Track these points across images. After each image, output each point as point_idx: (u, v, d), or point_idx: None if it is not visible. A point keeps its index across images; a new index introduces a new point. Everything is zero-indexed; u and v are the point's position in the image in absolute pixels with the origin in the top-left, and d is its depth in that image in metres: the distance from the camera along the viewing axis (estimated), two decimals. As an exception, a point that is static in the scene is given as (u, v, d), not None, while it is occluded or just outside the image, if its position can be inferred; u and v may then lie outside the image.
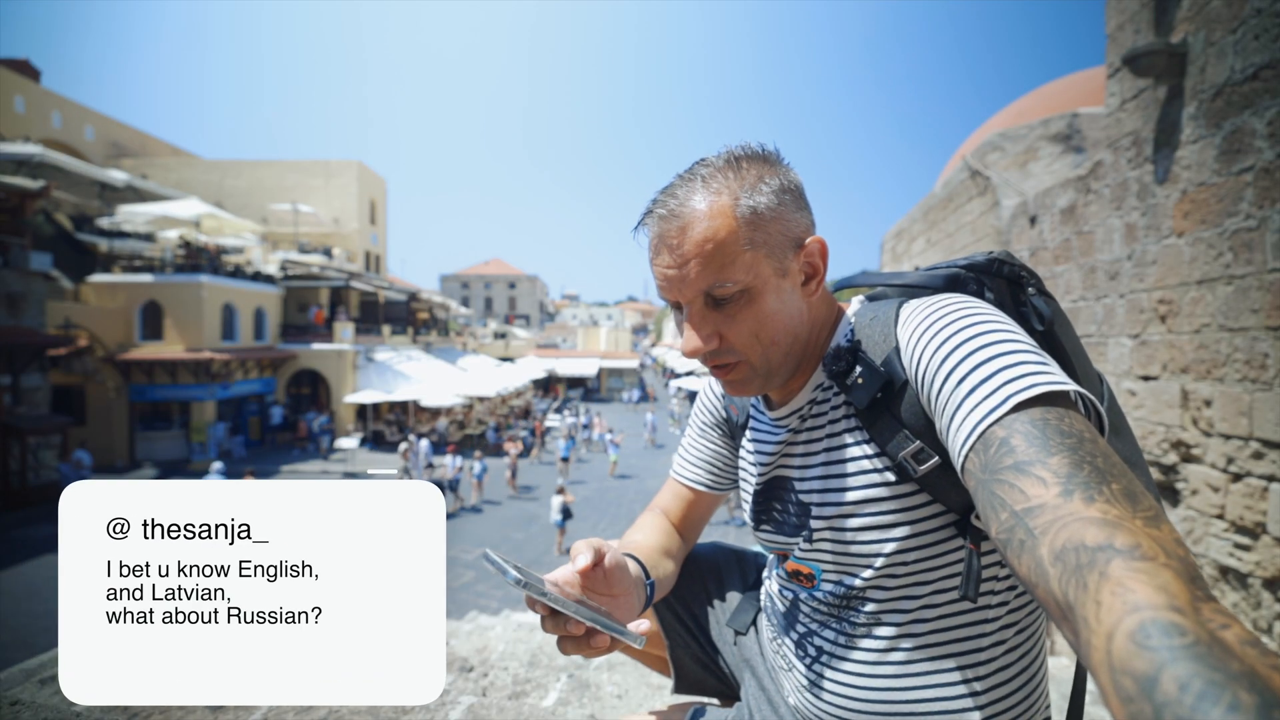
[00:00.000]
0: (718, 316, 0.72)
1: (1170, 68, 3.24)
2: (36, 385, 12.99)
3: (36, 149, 14.78)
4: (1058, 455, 0.48)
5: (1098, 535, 0.40)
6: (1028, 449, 0.49)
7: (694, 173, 0.72)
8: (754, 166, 0.72)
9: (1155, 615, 0.33)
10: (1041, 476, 0.47)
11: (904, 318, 0.70)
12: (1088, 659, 0.36)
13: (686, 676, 1.06)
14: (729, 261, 0.69)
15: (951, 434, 0.58)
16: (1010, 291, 0.75)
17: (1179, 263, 3.27)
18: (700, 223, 0.69)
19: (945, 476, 0.67)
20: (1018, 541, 0.45)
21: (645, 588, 0.80)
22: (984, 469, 0.52)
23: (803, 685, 0.82)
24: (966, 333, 0.61)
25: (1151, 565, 0.37)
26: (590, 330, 47.19)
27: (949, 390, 0.59)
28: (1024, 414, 0.52)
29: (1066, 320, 0.74)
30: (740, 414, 0.93)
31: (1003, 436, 0.51)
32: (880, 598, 0.73)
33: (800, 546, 0.79)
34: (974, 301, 0.67)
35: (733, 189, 0.70)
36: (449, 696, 1.41)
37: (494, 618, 4.36)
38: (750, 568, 1.11)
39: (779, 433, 0.83)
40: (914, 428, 0.67)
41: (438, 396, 20.06)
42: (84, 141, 21.36)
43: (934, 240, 8.37)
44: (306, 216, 23.54)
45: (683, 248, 0.69)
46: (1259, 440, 2.73)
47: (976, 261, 0.75)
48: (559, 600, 0.60)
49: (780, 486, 0.83)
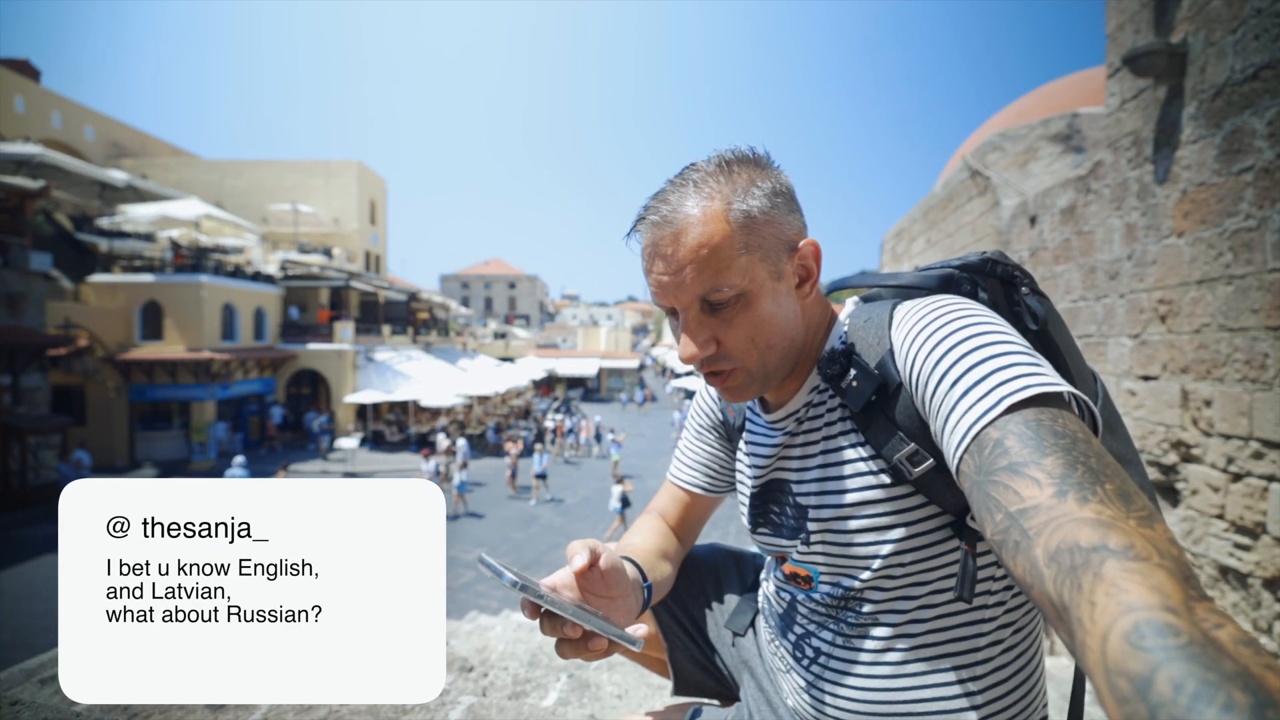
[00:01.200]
0: (714, 322, 0.71)
1: (1170, 68, 3.24)
2: (36, 385, 13.00)
3: (36, 149, 14.79)
4: (1051, 456, 0.48)
5: (1092, 536, 0.40)
6: (1021, 450, 0.49)
7: (685, 178, 0.72)
8: (745, 170, 0.72)
9: (1150, 616, 0.33)
10: (1035, 477, 0.47)
11: (898, 320, 0.70)
12: (1083, 660, 0.36)
13: (685, 679, 1.06)
14: (724, 266, 0.68)
15: (946, 436, 0.58)
16: (1004, 292, 0.75)
17: (1179, 263, 3.27)
18: (694, 228, 0.68)
19: (940, 478, 0.67)
20: (1013, 543, 0.45)
21: (643, 590, 0.80)
22: (978, 470, 0.52)
23: (801, 687, 0.82)
24: (959, 335, 0.61)
25: (1145, 565, 0.37)
26: (590, 330, 47.19)
27: (943, 393, 0.59)
28: (1018, 415, 0.52)
29: (1060, 320, 0.74)
30: (737, 416, 0.93)
31: (997, 438, 0.51)
32: (877, 599, 0.73)
33: (798, 549, 0.79)
34: (967, 303, 0.67)
35: (725, 193, 0.69)
36: (449, 696, 1.41)
37: (494, 618, 4.36)
38: (748, 569, 1.10)
39: (775, 435, 0.83)
40: (909, 430, 0.67)
41: (438, 396, 20.06)
42: (84, 141, 21.36)
43: (934, 240, 8.37)
44: (306, 216, 23.54)
45: (677, 254, 0.69)
46: (1259, 440, 2.73)
47: (970, 262, 0.75)
48: (556, 603, 0.60)
49: (777, 489, 0.83)
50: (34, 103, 19.13)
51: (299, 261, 21.52)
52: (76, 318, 14.98)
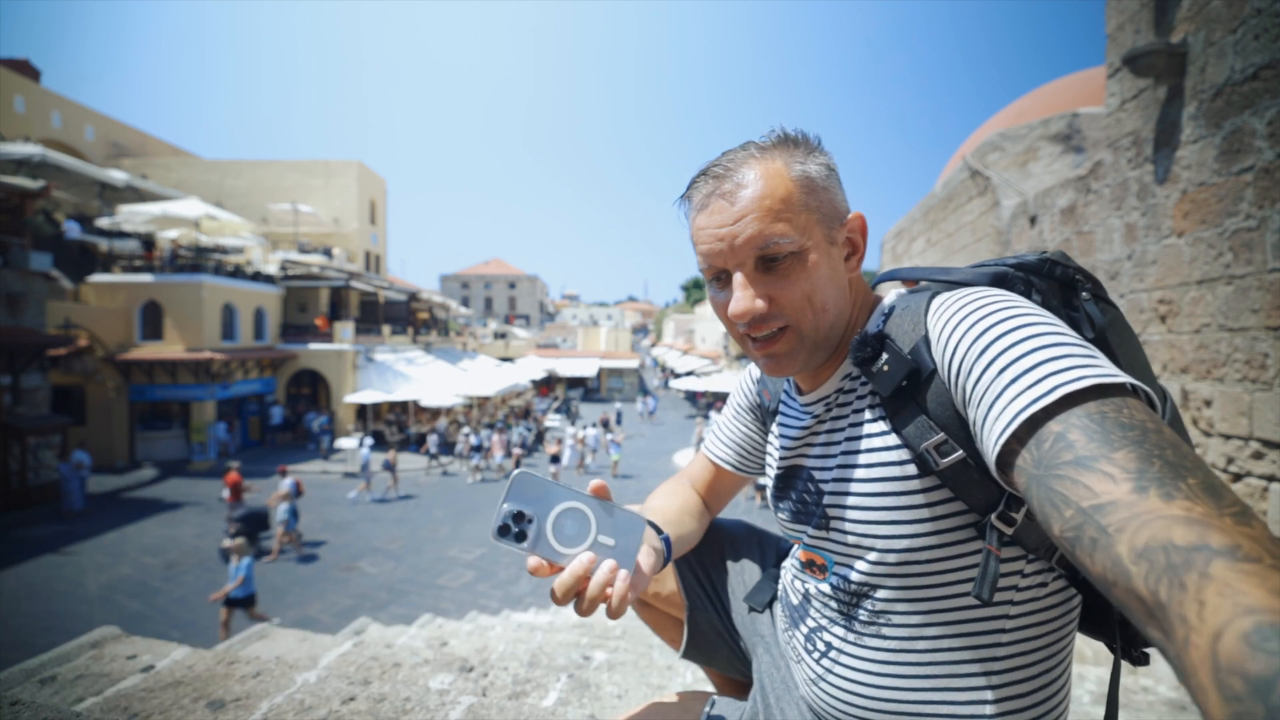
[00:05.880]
0: (769, 280, 0.71)
1: (1170, 68, 3.24)
2: (36, 385, 12.99)
3: (36, 149, 14.78)
4: (1122, 450, 0.46)
5: (1188, 534, 0.39)
6: (1088, 444, 0.47)
7: (744, 147, 0.74)
8: (803, 143, 0.75)
9: (1273, 619, 0.33)
10: (1108, 472, 0.45)
11: (935, 307, 0.68)
12: (1182, 656, 0.36)
13: (699, 642, 1.07)
14: (786, 219, 0.69)
15: (988, 425, 0.55)
16: (1061, 294, 0.72)
17: (1179, 263, 3.27)
18: (757, 181, 0.70)
19: (968, 473, 0.65)
20: (1088, 539, 0.44)
21: (661, 541, 0.82)
22: (1038, 465, 0.50)
23: (810, 679, 0.82)
24: (1007, 324, 0.58)
25: (1259, 567, 0.36)
26: (590, 330, 47.15)
27: (987, 380, 0.56)
28: (1078, 408, 0.50)
29: (1128, 329, 0.70)
30: (772, 400, 0.94)
31: (1058, 431, 0.50)
32: (891, 596, 0.72)
33: (810, 533, 0.80)
34: (1012, 295, 0.64)
35: (785, 157, 0.72)
36: (449, 696, 1.41)
37: (494, 618, 4.36)
38: (770, 548, 1.12)
39: (804, 418, 0.84)
40: (939, 419, 0.65)
41: (438, 396, 20.06)
42: (84, 141, 21.36)
43: (934, 240, 8.37)
44: (306, 216, 23.54)
45: (737, 204, 0.70)
46: (1259, 440, 2.73)
47: (1027, 261, 0.73)
48: (571, 493, 0.65)
49: (800, 472, 0.84)
50: (34, 103, 19.13)
51: (299, 261, 21.51)
52: (76, 318, 14.98)
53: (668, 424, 28.38)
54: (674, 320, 54.04)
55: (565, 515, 0.64)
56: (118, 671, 1.49)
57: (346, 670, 2.15)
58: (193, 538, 10.79)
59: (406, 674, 2.18)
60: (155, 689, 1.38)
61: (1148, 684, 2.93)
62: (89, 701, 1.34)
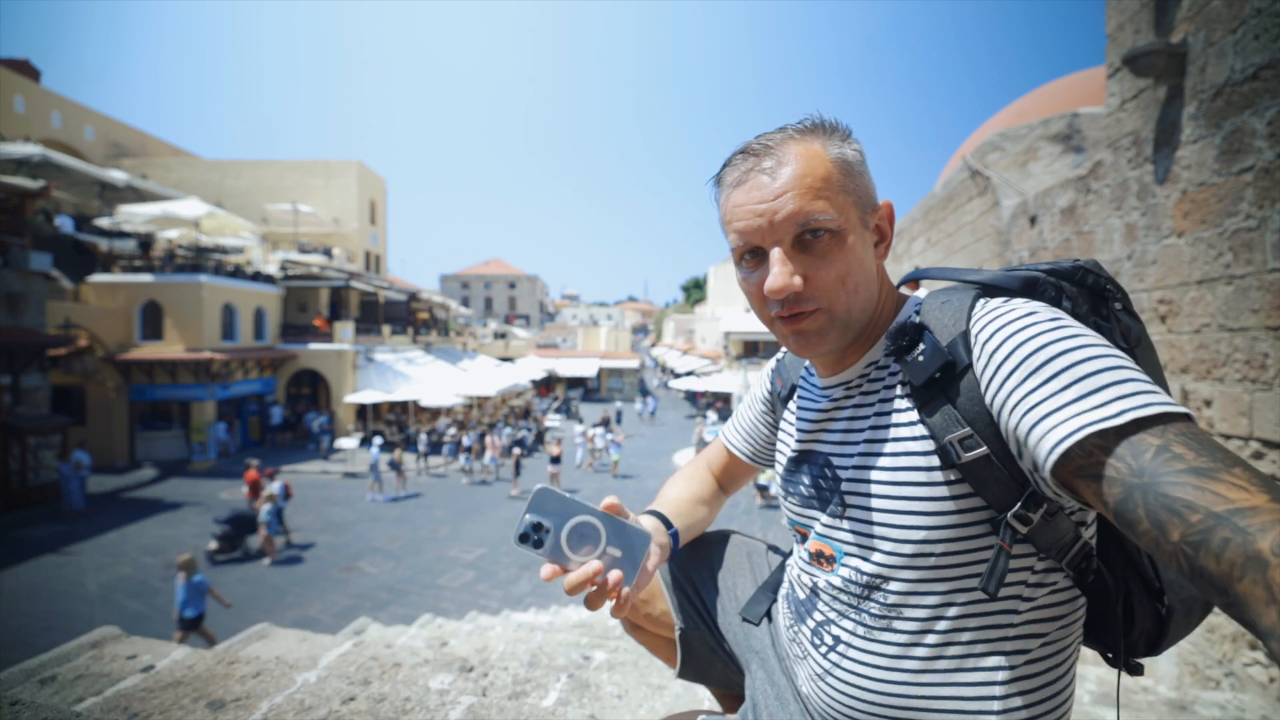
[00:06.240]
0: (805, 259, 0.72)
1: (1170, 68, 3.24)
2: (36, 385, 12.99)
3: (36, 149, 14.79)
4: (1239, 466, 0.49)
5: None
6: (1199, 457, 0.50)
7: (780, 130, 0.75)
8: (837, 129, 0.76)
9: None
10: (1236, 482, 0.47)
11: (983, 309, 0.69)
12: None
13: (693, 660, 1.07)
14: (826, 198, 0.70)
15: (1042, 429, 0.57)
16: (1091, 303, 0.73)
17: (1179, 263, 3.27)
18: (797, 160, 0.71)
19: (989, 469, 0.66)
20: (1219, 539, 0.46)
21: (668, 536, 0.90)
22: (1140, 473, 0.51)
23: (815, 675, 0.82)
24: (1066, 343, 0.60)
25: None
26: (590, 330, 47.14)
27: (1046, 391, 0.58)
28: (1172, 426, 0.53)
29: (1151, 344, 0.73)
30: (785, 385, 0.96)
31: (1159, 444, 0.52)
32: (902, 589, 0.72)
33: (823, 521, 0.80)
34: (1060, 314, 0.65)
35: (823, 140, 0.73)
36: (449, 696, 1.41)
37: (494, 618, 4.36)
38: (759, 558, 1.12)
39: (822, 401, 0.84)
40: (966, 414, 0.67)
41: (438, 396, 20.06)
42: (84, 141, 21.37)
43: (934, 240, 8.37)
44: (306, 216, 23.54)
45: (777, 181, 0.71)
46: (1259, 440, 2.73)
47: (1060, 268, 0.74)
48: (579, 505, 0.73)
49: (815, 457, 0.83)
50: (34, 103, 19.14)
51: (299, 261, 21.52)
52: (76, 318, 14.98)
53: (668, 424, 28.38)
54: (674, 320, 54.03)
55: (579, 527, 0.73)
56: (118, 671, 1.49)
57: (346, 670, 2.15)
58: (193, 538, 10.79)
59: (406, 674, 2.18)
60: (155, 689, 1.38)
61: (1148, 684, 2.93)
62: (89, 701, 1.34)
